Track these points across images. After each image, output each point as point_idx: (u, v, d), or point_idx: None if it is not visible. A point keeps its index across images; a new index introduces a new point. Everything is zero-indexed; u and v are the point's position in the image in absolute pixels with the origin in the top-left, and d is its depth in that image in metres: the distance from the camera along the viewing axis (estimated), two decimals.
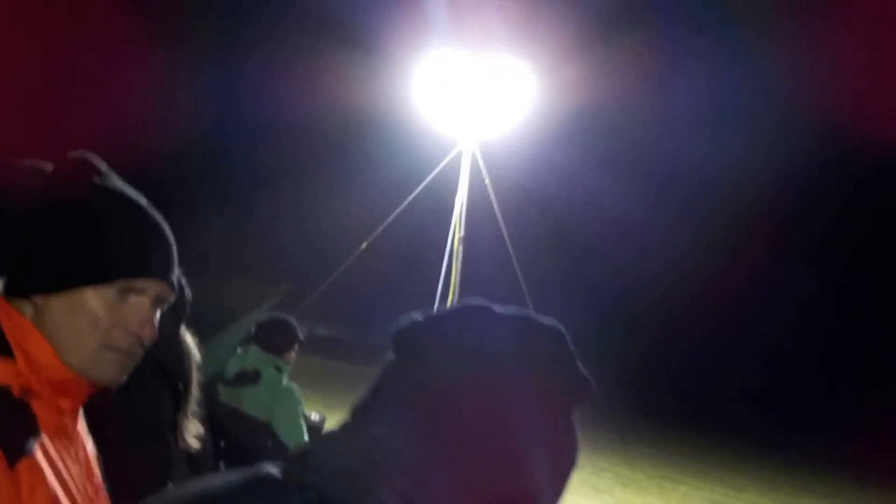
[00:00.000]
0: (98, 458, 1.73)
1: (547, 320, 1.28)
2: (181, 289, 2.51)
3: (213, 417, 4.32)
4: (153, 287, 1.56)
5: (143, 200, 1.61)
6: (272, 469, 1.17)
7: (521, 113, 12.35)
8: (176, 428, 2.44)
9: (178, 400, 2.47)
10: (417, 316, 1.23)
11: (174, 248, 1.63)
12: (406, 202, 12.31)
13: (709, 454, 23.76)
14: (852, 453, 28.22)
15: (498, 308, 1.24)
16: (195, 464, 4.22)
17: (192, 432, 2.52)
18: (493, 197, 12.15)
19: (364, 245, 11.98)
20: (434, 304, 11.77)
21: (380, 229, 12.21)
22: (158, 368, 2.37)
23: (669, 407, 34.36)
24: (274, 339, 4.41)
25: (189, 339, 2.65)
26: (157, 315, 1.61)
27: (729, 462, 22.39)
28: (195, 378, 2.59)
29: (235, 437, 4.24)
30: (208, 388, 4.38)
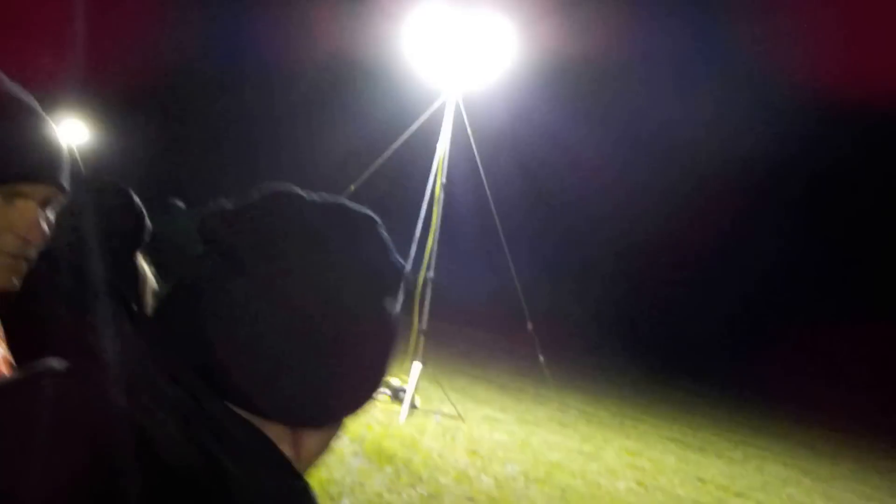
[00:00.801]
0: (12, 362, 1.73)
1: (360, 207, 1.25)
2: (138, 215, 2.62)
3: None
4: (39, 191, 1.53)
5: (30, 102, 1.55)
6: None
7: (504, 65, 12.70)
8: None
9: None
10: (226, 203, 1.16)
11: (62, 151, 1.58)
12: (391, 150, 12.65)
13: (670, 395, 24.58)
14: (807, 396, 29.22)
15: (308, 194, 1.19)
16: None
17: None
18: (474, 147, 12.57)
19: (351, 188, 12.30)
20: (412, 249, 12.22)
21: (365, 175, 12.55)
22: (115, 292, 2.41)
23: (636, 350, 35.12)
24: None
25: (145, 266, 2.64)
26: (49, 216, 1.59)
27: (688, 403, 23.23)
28: (149, 304, 2.56)
29: None
30: None
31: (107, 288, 2.45)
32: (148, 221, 2.77)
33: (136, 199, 2.76)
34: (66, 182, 1.58)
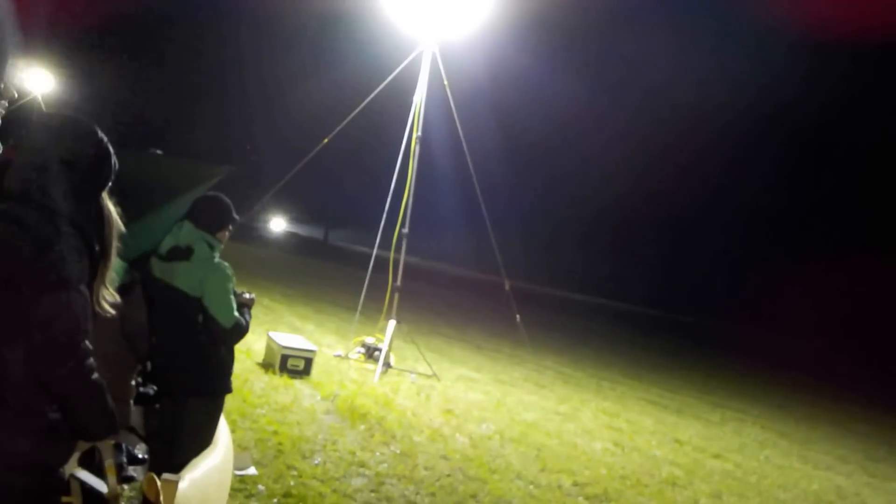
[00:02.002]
0: None
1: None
2: (104, 156, 2.56)
3: (147, 291, 4.43)
4: None
5: None
6: None
7: (482, 14, 12.32)
8: (92, 293, 2.43)
9: (96, 266, 2.47)
10: None
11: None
12: (365, 102, 12.29)
13: (648, 358, 24.59)
14: (785, 359, 29.38)
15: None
16: (132, 337, 4.42)
17: (108, 300, 2.53)
18: (451, 98, 12.21)
19: (325, 140, 11.98)
20: (386, 204, 11.94)
21: (341, 125, 12.20)
22: (78, 232, 2.40)
23: (616, 311, 35.18)
24: (208, 216, 4.43)
25: (111, 206, 2.59)
26: None
27: (666, 366, 23.23)
28: (114, 246, 2.56)
29: (167, 310, 4.35)
30: (145, 263, 4.43)
31: (69, 224, 2.39)
32: (114, 160, 2.64)
33: (102, 135, 2.62)
34: None
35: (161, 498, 2.76)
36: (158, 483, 2.79)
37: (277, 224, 66.70)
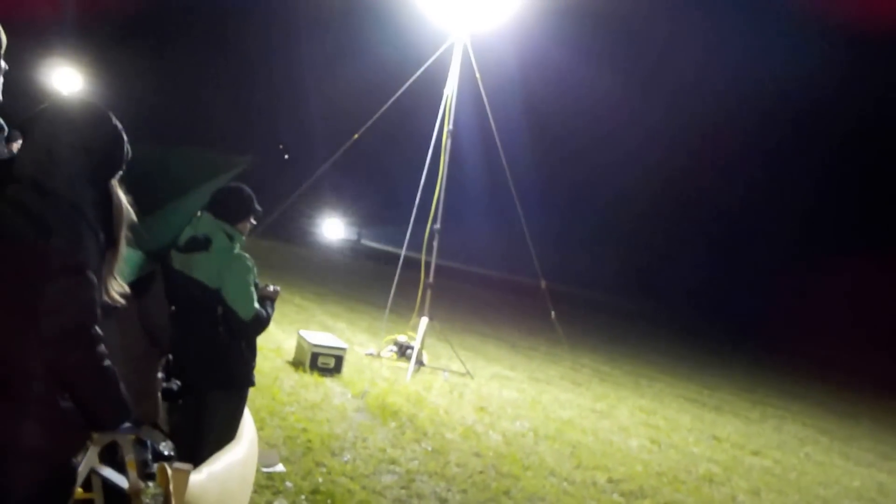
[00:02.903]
0: None
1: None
2: (117, 143, 2.53)
3: (167, 284, 4.34)
4: None
5: None
6: None
7: (513, 5, 12.14)
8: (100, 282, 2.41)
9: (105, 254, 2.43)
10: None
11: None
12: (396, 96, 12.15)
13: (686, 356, 24.26)
14: (825, 356, 28.89)
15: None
16: (152, 330, 4.34)
17: (117, 289, 2.47)
18: (483, 91, 12.03)
19: (355, 136, 11.88)
20: (417, 198, 11.80)
21: (371, 121, 12.08)
22: (87, 219, 2.35)
23: (653, 309, 34.78)
24: (228, 206, 4.35)
25: (122, 194, 2.55)
26: None
27: (705, 364, 22.89)
28: (124, 234, 2.52)
29: (186, 303, 4.29)
30: (164, 255, 4.34)
31: (77, 211, 2.34)
32: (128, 147, 2.59)
33: (116, 121, 2.58)
34: None
35: (171, 486, 2.67)
36: (169, 471, 2.70)
37: (332, 228, 58.25)
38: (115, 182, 2.55)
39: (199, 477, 2.92)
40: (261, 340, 4.53)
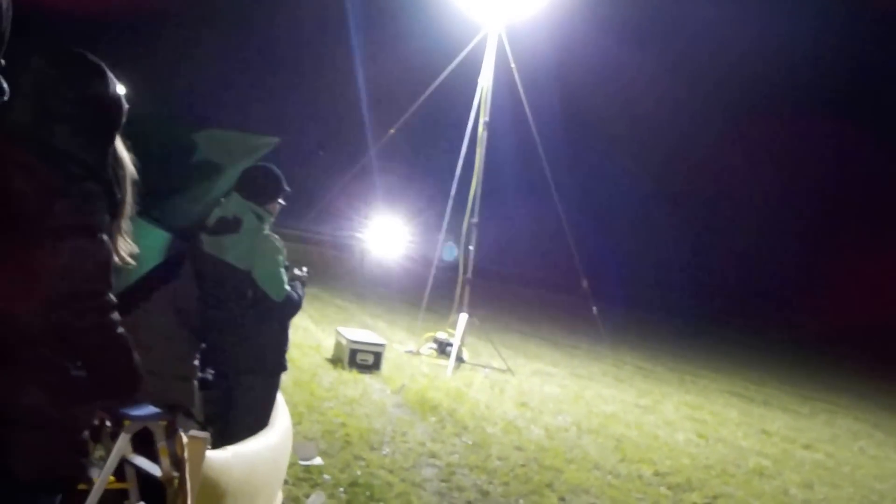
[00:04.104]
0: None
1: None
2: (114, 95, 2.39)
3: (196, 266, 4.26)
4: None
5: None
6: None
7: None
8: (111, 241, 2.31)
9: (113, 214, 2.32)
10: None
11: None
12: (431, 88, 12.02)
13: (731, 351, 23.85)
14: (877, 351, 28.28)
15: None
16: (182, 312, 4.26)
17: (125, 249, 2.38)
18: (518, 82, 11.85)
19: (391, 131, 11.77)
20: (452, 191, 11.65)
21: (406, 115, 11.96)
22: (94, 177, 2.26)
23: (696, 304, 34.27)
24: (257, 187, 4.28)
25: (124, 152, 2.44)
26: None
27: (750, 358, 22.46)
28: (129, 192, 2.40)
29: (216, 286, 4.21)
30: (192, 236, 4.26)
31: (83, 167, 2.23)
32: (124, 100, 2.45)
33: (110, 73, 2.42)
34: None
35: (186, 454, 2.56)
36: (185, 439, 2.59)
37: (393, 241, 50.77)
38: (116, 135, 2.43)
39: (224, 454, 2.81)
40: (300, 337, 4.46)
